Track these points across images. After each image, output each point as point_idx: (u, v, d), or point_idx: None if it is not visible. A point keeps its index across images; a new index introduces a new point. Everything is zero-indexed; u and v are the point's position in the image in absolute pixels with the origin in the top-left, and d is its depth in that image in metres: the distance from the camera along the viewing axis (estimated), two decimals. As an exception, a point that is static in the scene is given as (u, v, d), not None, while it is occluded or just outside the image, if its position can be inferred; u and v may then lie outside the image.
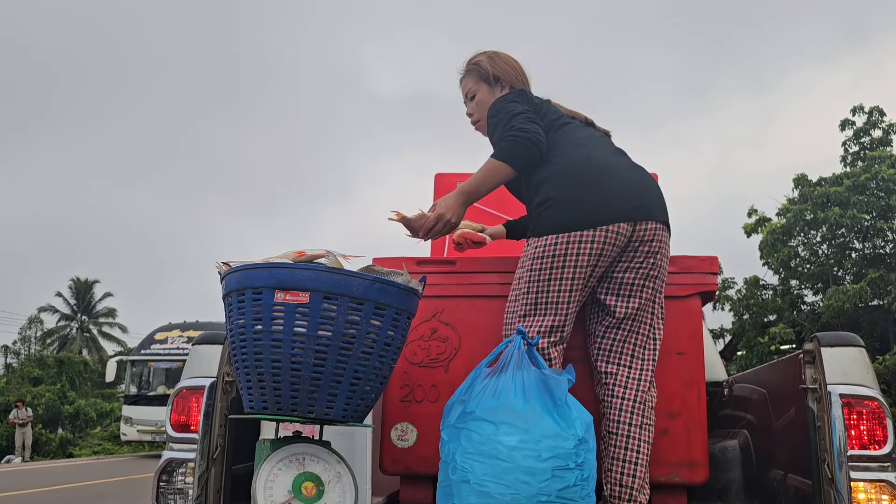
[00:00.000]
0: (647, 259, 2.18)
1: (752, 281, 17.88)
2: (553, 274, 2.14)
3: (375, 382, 1.86)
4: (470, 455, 1.70)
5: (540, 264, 2.15)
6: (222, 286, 1.86)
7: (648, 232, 2.17)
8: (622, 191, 2.19)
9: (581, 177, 2.20)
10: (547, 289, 2.14)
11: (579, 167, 2.22)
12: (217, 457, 2.15)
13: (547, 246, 2.15)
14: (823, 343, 2.05)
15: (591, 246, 2.12)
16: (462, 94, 2.57)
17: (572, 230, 2.13)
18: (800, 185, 17.21)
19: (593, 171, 2.21)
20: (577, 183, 2.19)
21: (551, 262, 2.14)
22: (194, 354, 2.27)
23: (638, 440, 2.12)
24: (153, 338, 19.08)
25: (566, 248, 2.13)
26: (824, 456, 1.97)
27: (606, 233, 2.12)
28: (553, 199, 2.18)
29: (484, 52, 2.55)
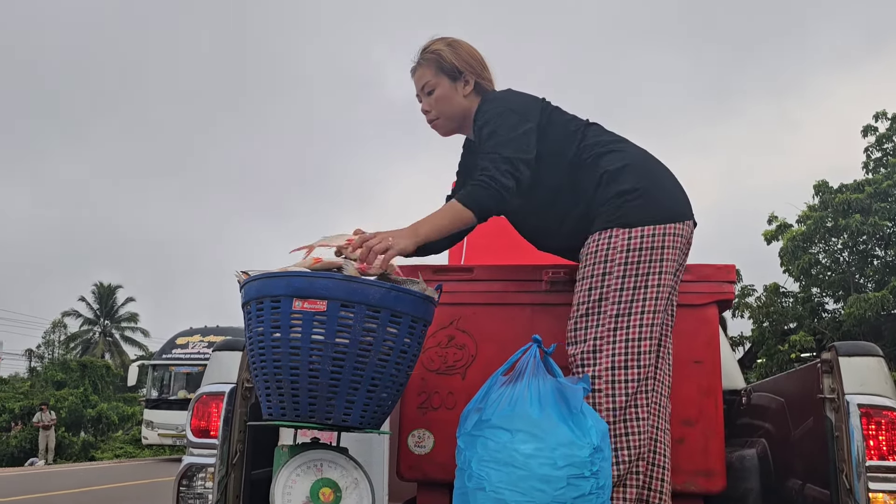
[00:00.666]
0: (683, 262, 2.18)
1: (772, 288, 17.73)
2: (652, 267, 2.02)
3: (392, 389, 1.88)
4: (486, 463, 1.71)
5: (638, 257, 2.02)
6: (241, 295, 1.89)
7: (692, 235, 2.18)
8: (683, 188, 2.20)
9: (656, 168, 2.17)
10: (646, 284, 2.02)
11: (648, 158, 2.17)
12: (236, 462, 2.18)
13: (644, 237, 2.02)
14: (841, 352, 2.04)
15: (681, 239, 2.08)
16: (416, 87, 2.28)
17: (667, 221, 2.05)
18: (820, 191, 17.06)
19: (660, 164, 2.19)
20: (657, 173, 2.14)
21: (650, 254, 2.02)
22: (214, 360, 2.30)
23: (664, 445, 2.09)
24: (174, 342, 19.28)
25: (663, 241, 2.03)
26: (842, 466, 1.96)
27: (687, 228, 2.11)
28: (644, 189, 2.07)
29: (440, 38, 2.27)
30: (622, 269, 2.02)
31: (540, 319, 2.34)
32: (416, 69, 2.26)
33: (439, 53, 2.22)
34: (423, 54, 2.26)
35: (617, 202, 2.07)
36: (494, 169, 2.02)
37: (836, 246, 17.10)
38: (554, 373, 1.84)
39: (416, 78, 2.27)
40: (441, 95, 2.23)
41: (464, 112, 2.26)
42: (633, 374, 2.00)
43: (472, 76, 2.23)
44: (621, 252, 2.03)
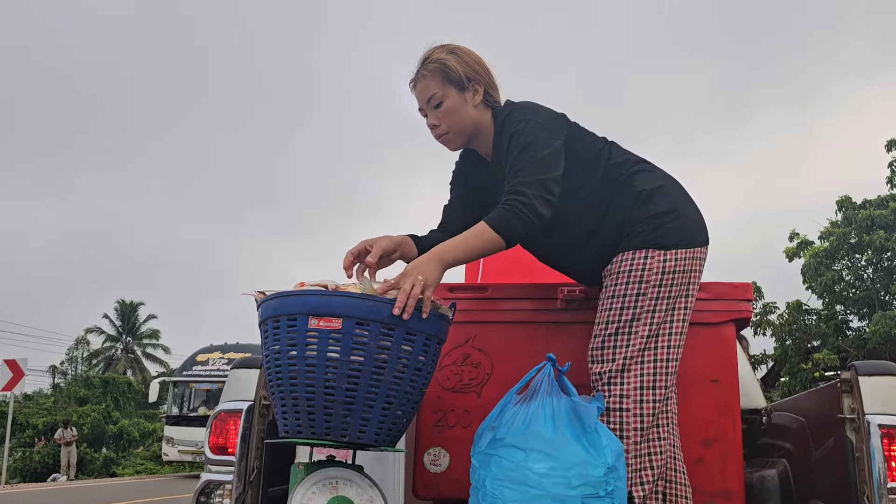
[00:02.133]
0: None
1: (794, 305, 17.51)
2: (682, 290, 2.03)
3: (407, 407, 1.89)
4: (500, 481, 1.71)
5: (672, 279, 2.01)
6: (258, 313, 1.91)
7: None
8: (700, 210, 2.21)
9: (683, 190, 2.16)
10: (675, 306, 2.03)
11: (676, 181, 2.17)
12: (253, 479, 2.19)
13: (679, 260, 2.02)
14: (861, 371, 2.02)
15: (704, 262, 2.11)
16: (419, 101, 2.15)
17: (698, 245, 2.07)
18: (843, 207, 16.87)
19: (684, 188, 2.19)
20: (685, 195, 2.14)
21: (682, 277, 2.02)
22: (232, 378, 2.33)
23: (683, 463, 2.09)
24: (195, 359, 19.40)
25: (692, 264, 2.05)
26: (864, 488, 1.93)
27: (707, 251, 2.13)
28: (680, 211, 2.07)
29: (441, 45, 2.13)
30: (657, 290, 2.01)
31: (555, 338, 2.34)
32: (419, 81, 2.12)
33: (444, 62, 2.08)
34: (425, 65, 2.11)
35: (656, 222, 2.04)
36: (531, 194, 1.91)
37: (860, 262, 16.88)
38: (568, 391, 1.84)
39: (420, 91, 2.12)
40: (450, 108, 2.09)
41: (474, 124, 2.13)
42: (660, 395, 2.01)
43: (480, 85, 2.11)
44: (657, 273, 2.01)
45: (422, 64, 2.13)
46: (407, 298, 1.75)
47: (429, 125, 2.16)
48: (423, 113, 2.16)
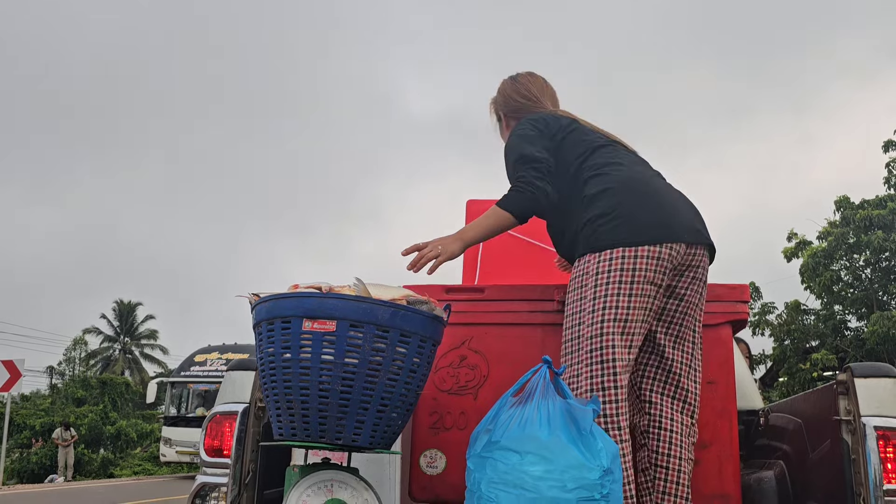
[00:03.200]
0: (692, 285, 2.16)
1: (793, 306, 17.53)
2: (622, 289, 2.03)
3: (402, 409, 1.88)
4: (495, 484, 1.70)
5: (607, 279, 2.04)
6: (253, 316, 1.90)
7: (697, 257, 2.15)
8: (679, 210, 2.16)
9: (639, 192, 2.15)
10: (616, 304, 2.02)
11: (635, 182, 2.18)
12: (249, 482, 2.18)
13: (613, 260, 2.05)
14: (857, 373, 2.01)
15: (658, 262, 2.05)
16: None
17: (639, 244, 2.05)
18: (842, 207, 16.88)
19: (649, 188, 2.18)
20: (637, 197, 2.13)
21: (620, 276, 2.03)
22: (228, 380, 2.32)
23: (686, 474, 2.09)
24: (193, 360, 19.37)
25: (634, 263, 2.04)
26: (860, 490, 1.93)
27: (670, 250, 2.07)
28: (615, 212, 2.10)
29: (506, 78, 2.53)
30: (593, 291, 2.06)
31: (552, 340, 2.33)
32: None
33: (494, 100, 2.56)
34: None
35: (590, 227, 2.12)
36: (528, 175, 2.19)
37: (858, 262, 16.90)
38: (564, 394, 1.84)
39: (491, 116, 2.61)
40: (500, 134, 2.55)
41: None
42: (610, 396, 2.00)
43: (514, 118, 2.47)
44: (592, 276, 2.07)
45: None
46: (421, 258, 2.09)
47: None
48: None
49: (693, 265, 2.15)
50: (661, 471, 2.09)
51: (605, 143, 2.28)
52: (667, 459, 2.09)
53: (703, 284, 2.19)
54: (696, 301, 2.17)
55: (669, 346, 2.16)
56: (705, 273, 2.19)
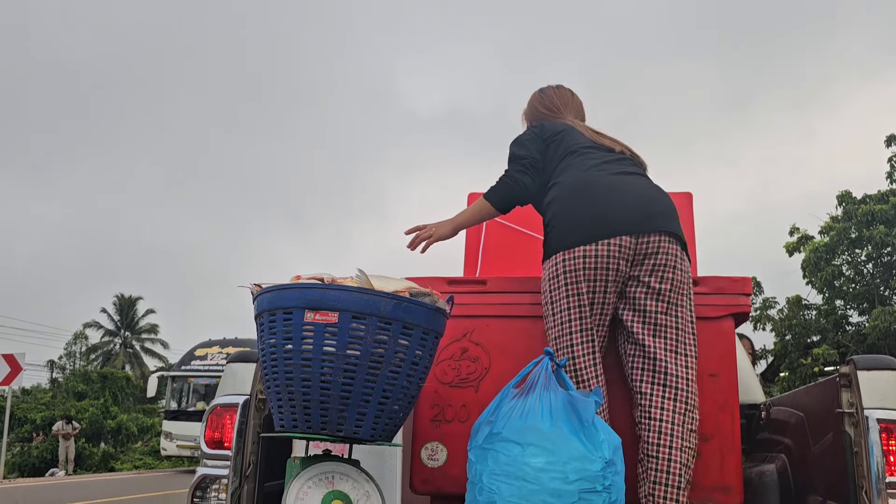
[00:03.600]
0: (655, 273, 2.18)
1: (794, 300, 17.52)
2: (569, 290, 2.17)
3: (404, 402, 1.88)
4: (497, 476, 1.70)
5: (554, 284, 2.21)
6: (254, 307, 1.90)
7: (652, 245, 2.18)
8: (623, 205, 2.22)
9: (581, 195, 2.26)
10: (567, 307, 2.17)
11: (579, 186, 2.28)
12: (249, 474, 2.18)
13: (555, 265, 2.20)
14: (860, 366, 2.00)
15: (596, 260, 2.15)
16: None
17: (574, 246, 2.18)
18: (844, 202, 16.86)
19: (593, 189, 2.26)
20: (577, 201, 2.25)
21: (562, 279, 2.19)
22: (229, 372, 2.31)
23: (679, 464, 2.08)
24: (193, 354, 19.39)
25: (573, 264, 2.17)
26: (862, 482, 1.92)
27: (609, 246, 2.15)
28: (555, 220, 2.27)
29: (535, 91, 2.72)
30: (549, 296, 2.24)
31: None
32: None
33: (523, 112, 2.75)
34: None
35: (544, 238, 2.33)
36: (511, 168, 2.45)
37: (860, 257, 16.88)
38: (566, 385, 1.83)
39: None
40: None
41: None
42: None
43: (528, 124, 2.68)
44: (546, 282, 2.26)
45: None
46: (417, 238, 2.43)
47: None
48: None
49: (650, 253, 2.18)
50: (651, 460, 2.10)
51: (576, 150, 2.39)
52: (657, 449, 2.10)
53: (669, 270, 2.19)
54: (668, 288, 2.18)
55: (648, 335, 2.17)
56: (670, 258, 2.20)
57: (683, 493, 2.08)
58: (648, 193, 2.29)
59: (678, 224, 2.27)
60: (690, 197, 3.50)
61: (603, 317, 2.20)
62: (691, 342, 2.19)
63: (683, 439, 2.11)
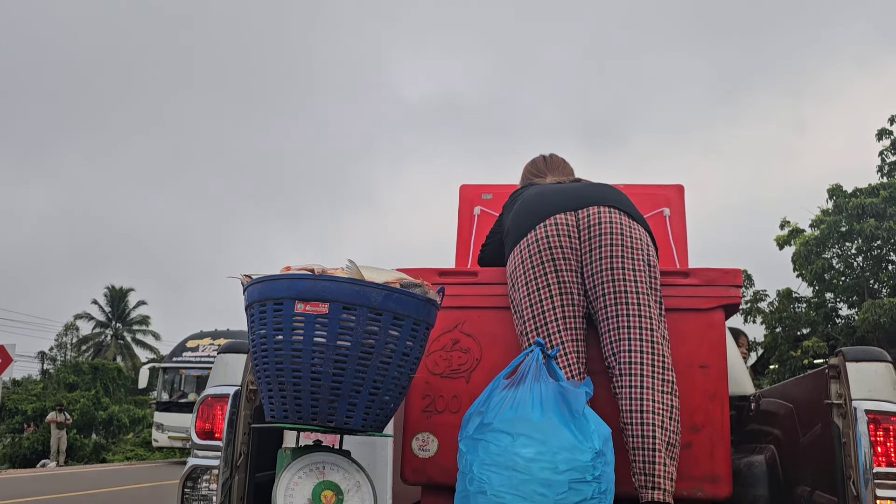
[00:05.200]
0: (601, 241, 2.22)
1: (784, 293, 17.61)
2: (528, 276, 2.25)
3: (394, 392, 1.88)
4: (487, 466, 1.70)
5: (512, 282, 2.31)
6: (245, 297, 1.89)
7: (593, 216, 2.25)
8: (558, 193, 2.37)
9: (520, 209, 2.40)
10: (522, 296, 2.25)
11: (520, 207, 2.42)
12: (240, 464, 2.18)
13: (509, 265, 2.34)
14: (849, 358, 2.02)
15: (538, 243, 2.25)
16: None
17: (515, 244, 2.31)
18: (834, 195, 16.93)
19: (527, 201, 2.41)
20: (519, 214, 2.39)
21: (512, 277, 2.30)
22: (219, 363, 2.31)
23: (652, 426, 2.06)
24: (185, 346, 19.35)
25: (521, 258, 2.27)
26: (850, 473, 1.93)
27: (545, 227, 2.25)
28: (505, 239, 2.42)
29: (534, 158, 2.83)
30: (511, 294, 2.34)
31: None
32: None
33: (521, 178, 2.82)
34: None
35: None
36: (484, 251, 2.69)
37: (850, 251, 16.97)
38: (556, 376, 1.84)
39: None
40: None
41: None
42: None
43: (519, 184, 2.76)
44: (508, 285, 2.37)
45: None
46: None
47: None
48: None
49: (594, 223, 2.26)
50: (627, 428, 2.10)
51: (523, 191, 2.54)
52: (630, 416, 2.10)
53: (617, 237, 2.23)
54: (618, 254, 2.21)
55: (610, 303, 2.19)
56: (616, 226, 2.24)
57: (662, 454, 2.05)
58: (588, 187, 2.43)
59: (625, 202, 2.34)
60: (682, 189, 3.50)
61: (568, 296, 2.24)
62: (655, 305, 2.19)
63: (655, 401, 2.08)
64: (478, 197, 3.67)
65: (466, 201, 3.66)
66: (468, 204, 3.65)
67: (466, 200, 3.67)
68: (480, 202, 3.64)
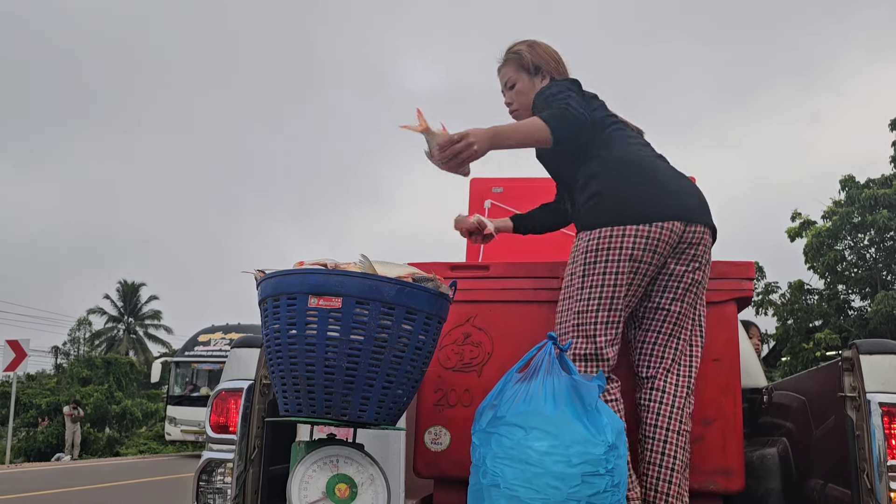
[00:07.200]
0: (692, 263, 2.16)
1: (796, 285, 17.53)
2: (608, 267, 2.09)
3: (407, 386, 1.88)
4: (500, 459, 1.71)
5: (594, 257, 2.11)
6: (258, 292, 1.90)
7: (697, 235, 2.16)
8: (673, 189, 2.18)
9: (633, 172, 2.18)
10: (602, 283, 2.09)
11: (630, 163, 2.20)
12: (255, 458, 2.19)
13: (601, 238, 2.10)
14: (863, 350, 2.01)
15: (646, 241, 2.09)
16: (500, 84, 2.51)
17: (626, 223, 2.09)
18: (847, 186, 16.82)
19: (645, 168, 2.20)
20: (630, 177, 2.17)
21: (606, 254, 2.09)
22: (233, 357, 2.32)
23: (675, 446, 2.10)
24: (196, 340, 19.47)
25: (621, 241, 2.09)
26: (864, 466, 1.93)
27: (661, 229, 2.10)
28: (605, 192, 2.15)
29: (524, 41, 2.49)
30: (581, 269, 2.13)
31: (556, 317, 2.33)
32: (501, 67, 2.49)
33: (520, 53, 2.44)
34: (506, 54, 2.48)
35: (584, 207, 2.20)
36: (572, 103, 2.16)
37: (862, 242, 16.86)
38: (569, 370, 1.84)
39: (501, 75, 2.49)
40: (521, 89, 2.43)
41: None
42: (592, 368, 2.09)
43: (547, 73, 2.42)
44: (582, 253, 2.14)
45: (504, 53, 2.49)
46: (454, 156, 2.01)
47: (505, 103, 2.50)
48: (504, 94, 2.50)
49: (694, 243, 2.15)
50: (648, 441, 2.12)
51: (615, 122, 2.30)
52: (654, 430, 2.12)
53: (706, 263, 2.19)
54: (699, 279, 2.18)
55: (671, 322, 2.17)
56: (706, 252, 2.19)
57: (678, 474, 2.09)
58: (692, 183, 2.28)
59: (713, 219, 2.25)
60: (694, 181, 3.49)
61: (633, 300, 2.14)
62: (702, 334, 2.22)
63: (682, 422, 2.13)
64: (488, 190, 3.67)
65: (477, 195, 3.67)
66: (478, 197, 3.65)
67: (477, 194, 3.67)
68: (491, 195, 3.65)
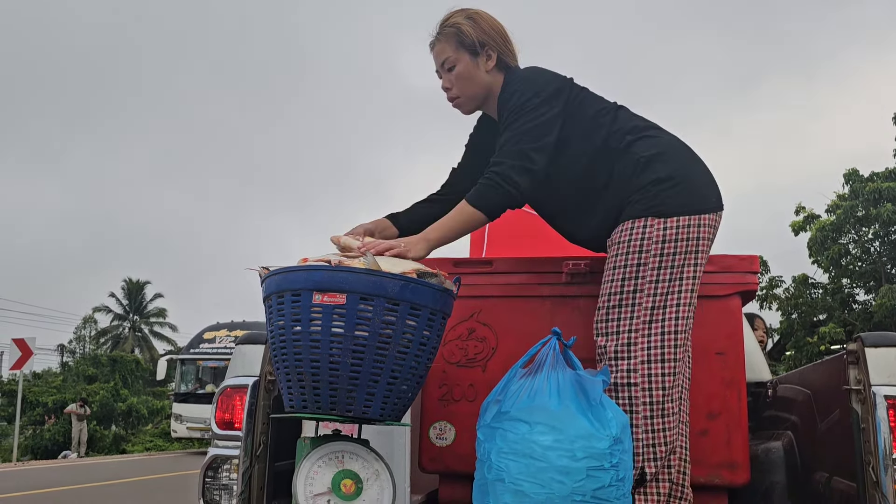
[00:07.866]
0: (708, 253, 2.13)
1: (800, 279, 17.50)
2: (688, 259, 1.97)
3: (412, 382, 1.89)
4: (505, 454, 1.72)
5: (674, 248, 1.96)
6: (262, 289, 1.91)
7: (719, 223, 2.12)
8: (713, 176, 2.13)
9: (691, 156, 2.09)
10: (681, 276, 1.97)
11: (683, 146, 2.10)
12: (260, 454, 2.20)
13: (680, 228, 1.97)
14: (868, 343, 2.00)
15: (714, 231, 2.03)
16: (435, 63, 2.19)
17: (702, 211, 1.98)
18: (851, 180, 16.77)
19: (694, 153, 2.12)
20: (692, 162, 2.08)
21: (686, 245, 1.96)
22: (238, 354, 2.33)
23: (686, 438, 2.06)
24: (202, 337, 19.54)
25: (698, 231, 1.98)
26: (869, 459, 1.93)
27: (718, 218, 2.06)
28: (680, 177, 2.01)
29: (460, 10, 2.17)
30: (658, 260, 1.97)
31: (560, 312, 2.33)
32: (435, 44, 2.17)
33: (459, 27, 2.12)
34: (441, 28, 2.16)
35: (654, 190, 2.00)
36: (507, 166, 1.97)
37: (866, 236, 16.82)
38: (573, 365, 1.84)
39: (436, 53, 2.17)
40: (462, 72, 2.14)
41: (487, 88, 2.17)
42: (669, 368, 1.97)
43: (493, 50, 2.13)
44: (657, 243, 1.97)
45: (439, 27, 2.16)
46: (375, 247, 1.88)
47: (442, 87, 2.21)
48: (439, 75, 2.20)
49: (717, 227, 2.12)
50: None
51: (616, 105, 2.18)
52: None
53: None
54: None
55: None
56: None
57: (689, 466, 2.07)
58: None
59: None
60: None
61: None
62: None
63: (688, 414, 2.10)
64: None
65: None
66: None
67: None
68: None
